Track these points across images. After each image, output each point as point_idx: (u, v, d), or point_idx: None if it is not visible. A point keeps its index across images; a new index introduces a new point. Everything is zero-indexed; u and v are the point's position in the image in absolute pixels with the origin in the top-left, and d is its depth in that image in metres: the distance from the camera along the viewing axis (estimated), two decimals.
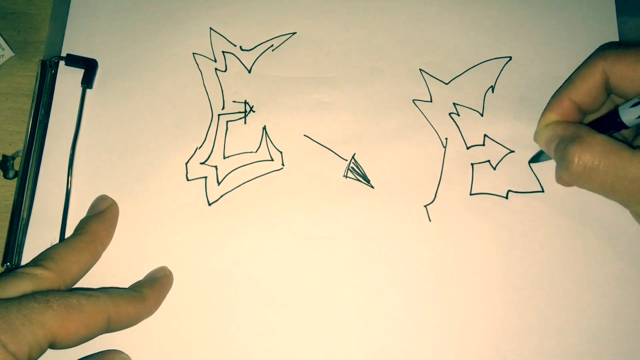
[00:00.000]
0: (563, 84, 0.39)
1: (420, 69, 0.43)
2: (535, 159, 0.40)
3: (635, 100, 0.34)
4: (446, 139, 0.41)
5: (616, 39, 0.43)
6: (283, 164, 0.41)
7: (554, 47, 0.43)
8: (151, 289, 0.37)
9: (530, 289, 0.38)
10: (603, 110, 0.39)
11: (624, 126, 0.35)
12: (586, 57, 0.42)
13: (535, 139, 0.39)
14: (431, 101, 0.42)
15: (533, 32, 0.44)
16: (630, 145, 0.34)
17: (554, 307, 0.38)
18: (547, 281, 0.38)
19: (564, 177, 0.35)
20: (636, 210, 0.35)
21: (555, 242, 0.39)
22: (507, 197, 0.40)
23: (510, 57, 0.43)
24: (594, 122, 0.38)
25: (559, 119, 0.38)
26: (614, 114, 0.35)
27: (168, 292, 0.38)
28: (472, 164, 0.41)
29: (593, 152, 0.34)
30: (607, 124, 0.36)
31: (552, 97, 0.39)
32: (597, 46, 0.43)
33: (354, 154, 0.41)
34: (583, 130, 0.35)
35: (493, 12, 0.44)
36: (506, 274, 0.39)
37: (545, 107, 0.39)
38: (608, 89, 0.37)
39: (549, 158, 0.39)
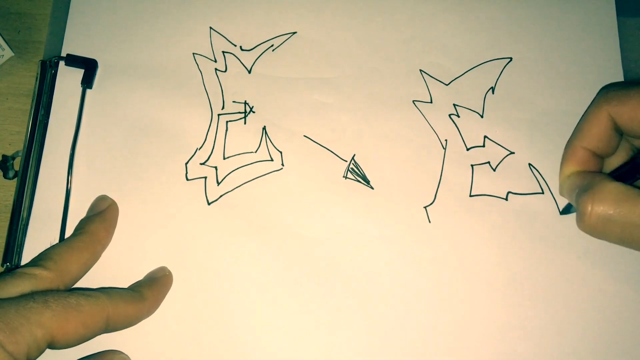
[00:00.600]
0: (573, 132, 0.38)
1: (420, 70, 0.43)
2: (567, 210, 0.39)
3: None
4: (446, 140, 0.41)
5: (616, 39, 0.43)
6: (283, 164, 0.41)
7: (554, 48, 0.43)
8: (150, 289, 0.37)
9: (530, 290, 0.38)
10: (622, 152, 0.37)
11: None
12: (585, 59, 0.42)
13: (560, 192, 0.38)
14: (431, 102, 0.42)
15: (533, 33, 0.44)
16: None
17: (553, 308, 0.38)
18: (547, 282, 0.38)
19: (581, 227, 0.33)
20: None
21: (555, 243, 0.39)
22: (507, 199, 0.40)
23: (511, 58, 0.43)
24: (616, 170, 0.36)
25: (578, 169, 0.36)
26: (634, 162, 0.34)
27: (167, 292, 0.38)
28: (472, 165, 0.41)
29: (606, 201, 0.32)
30: (631, 171, 0.34)
31: (566, 147, 0.38)
32: (597, 47, 0.43)
33: (354, 155, 0.41)
34: (597, 179, 0.33)
35: (493, 13, 0.44)
36: (506, 275, 0.39)
37: (562, 158, 0.38)
38: (618, 131, 0.35)
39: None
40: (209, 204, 0.40)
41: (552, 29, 0.44)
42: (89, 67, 0.42)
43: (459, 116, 0.42)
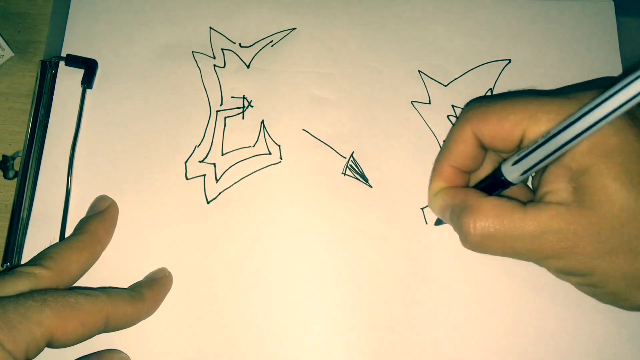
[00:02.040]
0: (441, 149, 0.38)
1: (419, 71, 0.43)
2: (440, 221, 0.39)
3: (515, 159, 0.33)
4: (444, 141, 0.41)
5: (616, 39, 0.43)
6: (281, 158, 0.41)
7: (553, 50, 0.43)
8: (150, 289, 0.37)
9: (527, 290, 0.38)
10: (488, 164, 0.37)
11: (510, 184, 0.34)
12: (585, 60, 0.42)
13: (430, 207, 0.38)
14: (429, 103, 0.42)
15: (532, 35, 0.44)
16: (519, 201, 0.33)
17: (553, 308, 0.38)
18: (545, 282, 0.38)
19: (465, 246, 0.33)
20: (547, 265, 0.33)
21: None
22: None
23: (510, 60, 0.43)
24: (481, 183, 0.36)
25: (445, 185, 0.36)
26: (498, 174, 0.34)
27: (167, 293, 0.38)
28: None
29: (486, 219, 0.32)
30: (494, 184, 0.35)
31: (434, 164, 0.38)
32: (597, 47, 0.43)
33: (353, 152, 0.41)
34: (472, 197, 0.34)
35: (492, 14, 0.44)
36: (503, 275, 0.39)
37: (431, 176, 0.38)
38: (483, 147, 0.35)
39: None
40: (208, 202, 0.40)
41: (551, 31, 0.44)
42: (89, 67, 0.42)
43: (457, 117, 0.42)
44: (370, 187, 0.41)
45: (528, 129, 0.32)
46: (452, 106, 0.42)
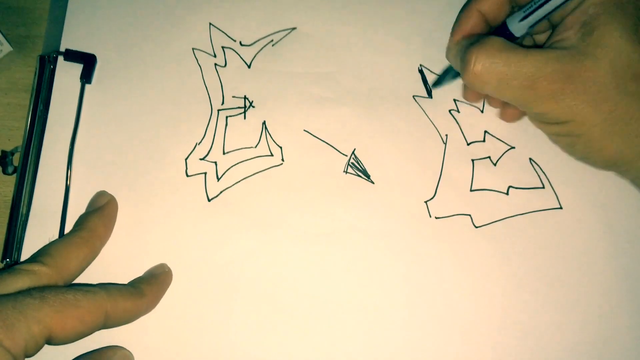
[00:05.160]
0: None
1: (420, 65, 0.43)
2: (439, 82, 0.41)
3: (522, 14, 0.35)
4: (446, 135, 0.41)
5: None
6: (283, 159, 0.41)
7: None
8: (150, 285, 0.37)
9: (530, 284, 0.38)
10: None
11: (513, 37, 0.36)
12: None
13: (447, 55, 0.40)
14: (431, 97, 0.42)
15: None
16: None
17: (554, 303, 0.38)
18: (547, 277, 0.38)
19: (465, 78, 0.35)
20: (533, 109, 0.35)
21: (555, 238, 0.39)
22: (507, 193, 0.40)
23: None
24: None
25: (468, 33, 0.38)
26: (503, 28, 0.37)
27: (167, 289, 0.38)
28: (472, 160, 0.41)
29: (490, 50, 0.34)
30: (499, 35, 0.37)
31: (460, 12, 0.39)
32: None
33: (354, 149, 0.41)
34: (482, 36, 0.36)
35: None
36: (506, 270, 0.39)
37: (456, 22, 0.39)
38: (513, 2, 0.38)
39: (451, 79, 0.41)
40: (209, 200, 0.40)
41: None
42: (87, 62, 0.42)
43: (459, 111, 0.42)
44: (373, 183, 0.40)
45: None
46: (454, 100, 0.42)
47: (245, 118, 0.42)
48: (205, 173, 0.41)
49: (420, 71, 0.43)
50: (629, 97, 0.33)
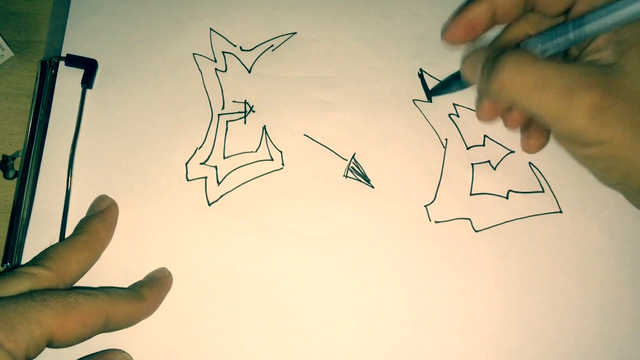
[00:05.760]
0: None
1: (420, 69, 0.43)
2: (438, 91, 0.41)
3: (540, 42, 0.34)
4: (446, 139, 0.41)
5: None
6: (283, 164, 0.41)
7: None
8: (150, 289, 0.37)
9: (530, 288, 0.38)
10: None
11: None
12: None
13: (463, 63, 0.38)
14: (431, 101, 0.42)
15: None
16: None
17: (554, 306, 0.38)
18: (547, 281, 0.38)
19: (493, 86, 0.33)
20: (564, 128, 0.32)
21: (555, 242, 0.39)
22: (507, 197, 0.40)
23: None
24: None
25: (471, 22, 0.37)
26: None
27: (167, 293, 0.38)
28: (472, 164, 0.41)
29: (524, 59, 0.32)
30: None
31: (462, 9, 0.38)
32: None
33: (354, 153, 0.41)
34: (510, 49, 0.34)
35: None
36: (506, 273, 0.39)
37: (460, 9, 0.38)
38: (528, 4, 0.36)
39: (454, 90, 0.40)
40: (209, 204, 0.40)
41: None
42: (89, 67, 0.42)
43: (458, 115, 0.42)
44: (373, 187, 0.40)
45: None
46: (454, 104, 0.42)
47: (245, 123, 0.42)
48: (205, 177, 0.41)
49: (420, 75, 0.43)
50: None
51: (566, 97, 0.31)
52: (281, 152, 0.41)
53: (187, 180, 0.41)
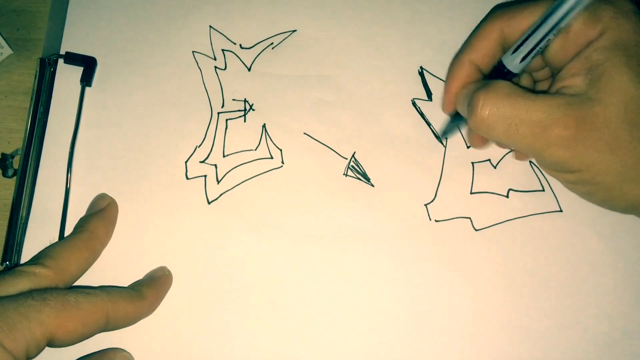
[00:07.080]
0: (460, 48, 0.38)
1: (420, 67, 0.43)
2: (446, 130, 0.41)
3: (514, 47, 0.34)
4: (446, 138, 0.41)
5: None
6: (283, 162, 0.41)
7: None
8: (150, 288, 0.37)
9: (530, 287, 0.38)
10: None
11: (512, 74, 0.35)
12: None
13: (455, 100, 0.38)
14: (431, 100, 0.42)
15: None
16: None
17: (555, 305, 0.38)
18: (547, 280, 0.38)
19: (471, 123, 0.34)
20: (545, 156, 0.33)
21: (556, 241, 0.39)
22: (507, 196, 0.40)
23: None
24: (485, 79, 0.37)
25: (464, 82, 0.37)
26: (500, 66, 0.35)
27: (167, 291, 0.38)
28: (472, 163, 0.41)
29: (498, 95, 0.32)
30: (497, 77, 0.36)
31: (452, 62, 0.38)
32: None
33: (354, 152, 0.41)
34: (489, 80, 0.34)
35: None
36: (507, 273, 0.39)
37: (448, 74, 0.38)
38: (504, 47, 0.36)
39: (461, 126, 0.40)
40: (209, 202, 0.40)
41: None
42: (88, 65, 0.42)
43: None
44: (373, 186, 0.40)
45: None
46: None
47: (245, 121, 0.42)
48: (205, 176, 0.41)
49: (421, 73, 0.43)
50: None
51: (540, 134, 0.32)
52: (281, 150, 0.41)
53: (187, 178, 0.41)
